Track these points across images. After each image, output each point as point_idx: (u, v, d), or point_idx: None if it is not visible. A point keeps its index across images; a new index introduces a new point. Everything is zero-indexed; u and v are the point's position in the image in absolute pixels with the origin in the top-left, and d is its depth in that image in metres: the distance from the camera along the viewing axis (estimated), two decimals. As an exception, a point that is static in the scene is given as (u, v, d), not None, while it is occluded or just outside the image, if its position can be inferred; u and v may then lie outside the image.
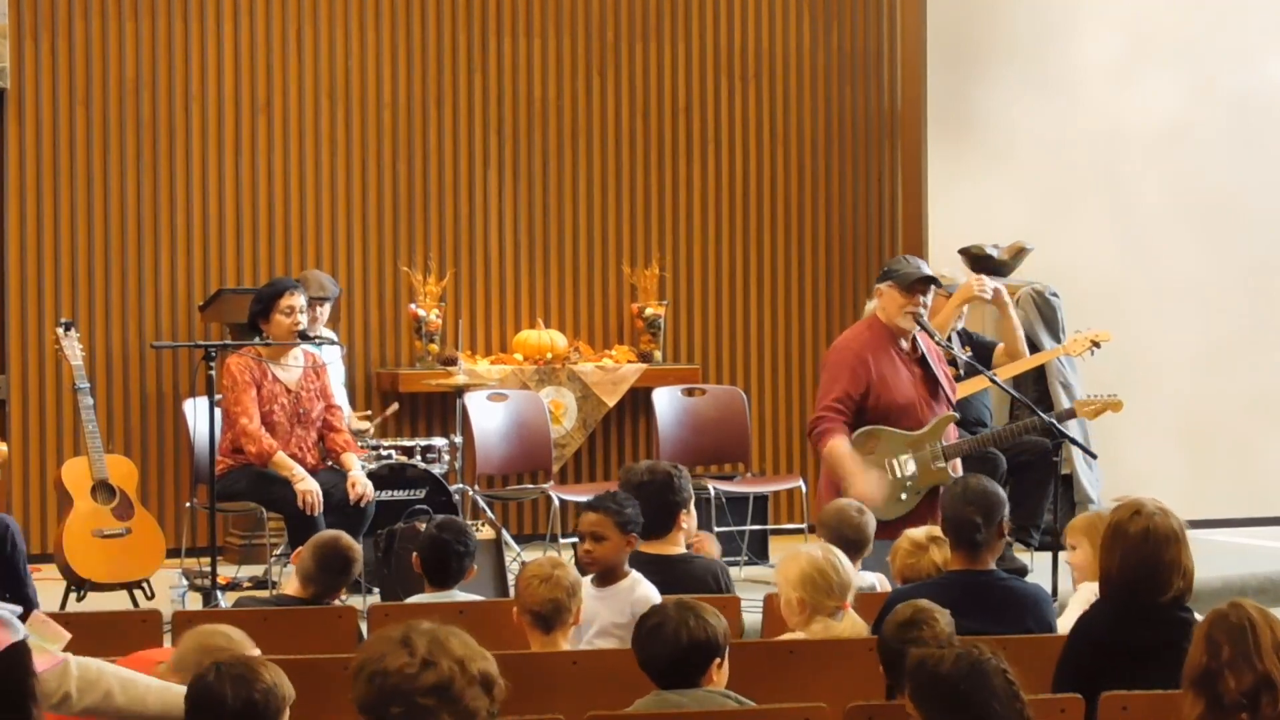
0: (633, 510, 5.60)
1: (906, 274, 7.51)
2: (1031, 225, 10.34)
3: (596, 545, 5.56)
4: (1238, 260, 10.89)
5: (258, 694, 3.65)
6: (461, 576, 5.86)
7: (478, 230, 10.19)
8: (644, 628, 4.36)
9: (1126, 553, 4.63)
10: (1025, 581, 5.63)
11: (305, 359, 7.95)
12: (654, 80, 10.49)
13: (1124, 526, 4.66)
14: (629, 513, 5.58)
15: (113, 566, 7.59)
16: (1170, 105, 10.83)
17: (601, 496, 5.70)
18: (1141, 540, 4.62)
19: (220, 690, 3.65)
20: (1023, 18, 10.70)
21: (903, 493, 7.35)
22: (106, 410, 9.44)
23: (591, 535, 5.57)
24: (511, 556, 8.41)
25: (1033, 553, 8.42)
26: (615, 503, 5.60)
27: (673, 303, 10.43)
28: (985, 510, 5.29)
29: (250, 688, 3.65)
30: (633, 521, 5.58)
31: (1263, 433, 10.91)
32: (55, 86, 9.58)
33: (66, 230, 9.59)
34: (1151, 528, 4.63)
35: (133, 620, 5.67)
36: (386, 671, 3.23)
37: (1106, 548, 4.70)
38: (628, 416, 10.28)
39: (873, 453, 7.32)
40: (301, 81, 9.93)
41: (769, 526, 9.49)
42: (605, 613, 5.43)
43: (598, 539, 5.56)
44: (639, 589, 5.49)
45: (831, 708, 4.32)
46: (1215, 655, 3.66)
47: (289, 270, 9.57)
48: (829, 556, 5.20)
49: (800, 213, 10.70)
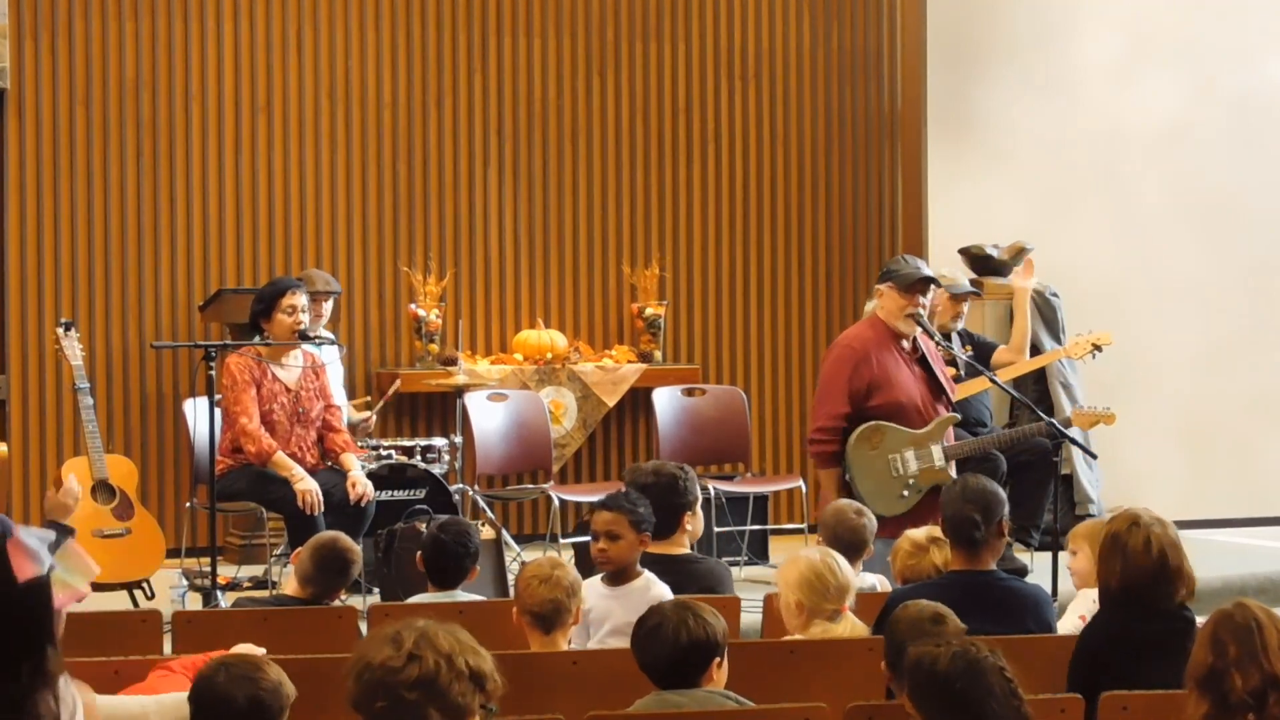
0: (645, 510, 5.65)
1: (906, 275, 7.52)
2: (1031, 225, 10.33)
3: (611, 544, 5.59)
4: (1238, 260, 10.89)
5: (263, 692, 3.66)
6: (464, 577, 5.87)
7: (478, 230, 10.19)
8: (643, 629, 4.36)
9: (1127, 565, 4.64)
10: (1025, 582, 5.63)
11: (305, 359, 7.95)
12: (654, 80, 10.49)
13: (1122, 539, 4.67)
14: (642, 512, 5.64)
15: (113, 566, 7.58)
16: (1170, 105, 10.83)
17: (615, 495, 5.73)
18: (1143, 552, 4.63)
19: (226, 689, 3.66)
20: (1023, 18, 10.70)
21: (904, 490, 7.36)
22: (106, 410, 9.44)
23: (607, 534, 5.60)
24: (511, 556, 8.40)
25: (1033, 553, 8.42)
26: (629, 502, 5.64)
27: (673, 303, 10.43)
28: (984, 508, 5.30)
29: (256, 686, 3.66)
30: (646, 520, 5.64)
31: (1263, 433, 10.91)
32: (55, 86, 9.58)
33: (66, 230, 9.59)
34: (1151, 539, 4.64)
35: (133, 620, 5.67)
36: (371, 665, 3.24)
37: (1105, 560, 4.71)
38: (628, 416, 10.28)
39: (877, 448, 7.34)
40: (301, 81, 9.93)
41: (769, 526, 9.49)
42: (620, 612, 5.43)
43: (612, 538, 5.59)
44: (654, 588, 5.52)
45: (831, 708, 4.33)
46: (1221, 655, 3.66)
47: (289, 270, 9.57)
48: (827, 560, 5.21)
49: (800, 213, 10.70)
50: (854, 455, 7.36)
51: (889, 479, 7.35)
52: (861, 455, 7.36)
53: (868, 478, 7.34)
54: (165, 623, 5.69)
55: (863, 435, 7.34)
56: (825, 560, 5.20)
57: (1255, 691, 3.63)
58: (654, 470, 6.05)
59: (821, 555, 5.24)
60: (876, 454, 7.34)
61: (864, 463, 7.35)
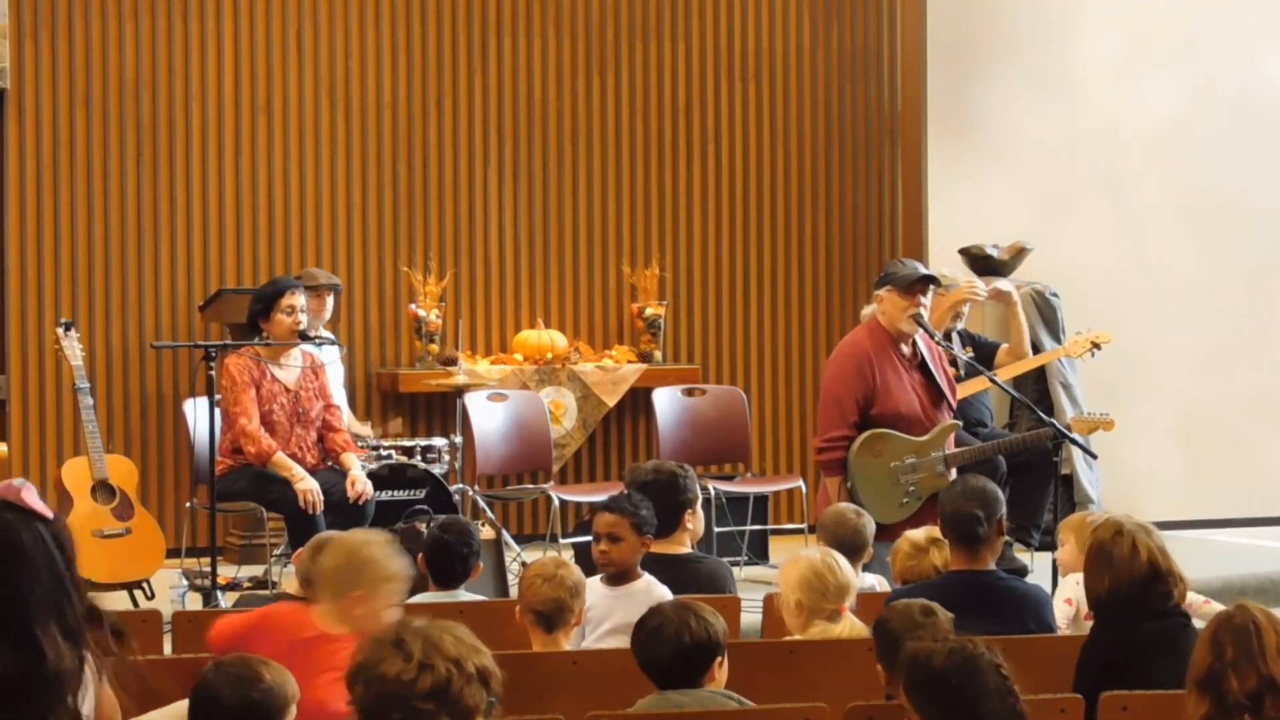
0: (648, 512, 5.69)
1: (905, 275, 7.52)
2: (1031, 225, 10.34)
3: (613, 546, 5.61)
4: (1238, 260, 10.89)
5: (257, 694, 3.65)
6: (466, 577, 5.87)
7: (478, 230, 10.19)
8: (644, 630, 4.36)
9: (1116, 573, 4.65)
10: (1025, 582, 5.64)
11: (304, 359, 7.95)
12: (654, 80, 10.49)
13: (1107, 548, 4.68)
14: (644, 514, 5.67)
15: (113, 566, 7.59)
16: (1170, 105, 10.83)
17: (617, 497, 5.76)
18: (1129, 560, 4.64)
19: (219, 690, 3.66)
20: (1023, 18, 10.70)
21: (904, 498, 7.37)
22: (106, 410, 9.44)
23: (608, 536, 5.62)
24: (511, 556, 8.41)
25: (1033, 553, 8.42)
26: (631, 504, 5.67)
27: (673, 303, 10.43)
28: (985, 505, 5.31)
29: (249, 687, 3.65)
30: (648, 523, 5.66)
31: (1263, 433, 10.91)
32: (55, 86, 9.57)
33: (66, 230, 9.59)
34: (1137, 545, 4.65)
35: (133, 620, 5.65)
36: (384, 678, 3.24)
37: (1092, 570, 4.71)
38: (628, 416, 10.28)
39: (879, 455, 7.35)
40: (301, 81, 9.93)
41: (769, 526, 9.49)
42: (620, 612, 5.44)
43: (614, 539, 5.61)
44: (655, 590, 5.54)
45: (831, 708, 4.33)
46: (1220, 656, 3.67)
47: (289, 270, 9.57)
48: (827, 559, 5.21)
49: (800, 213, 10.70)
50: (856, 463, 7.35)
51: (890, 487, 7.35)
52: (863, 463, 7.35)
53: (869, 485, 7.33)
54: (165, 623, 5.69)
55: (865, 443, 7.34)
56: (825, 560, 5.20)
57: (1252, 693, 3.65)
58: (654, 469, 6.07)
59: (822, 555, 5.25)
60: (879, 461, 7.34)
61: (866, 470, 7.35)
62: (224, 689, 3.64)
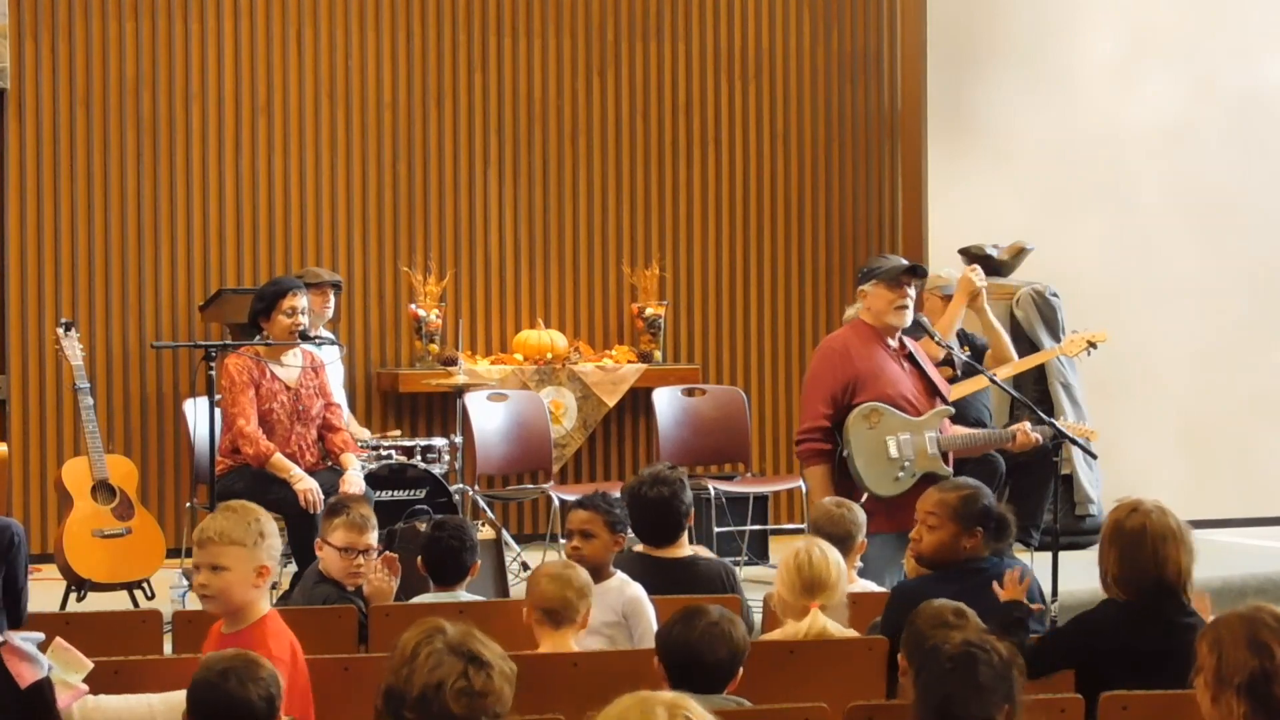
0: (622, 510, 5.69)
1: (890, 268, 7.52)
2: (1031, 225, 10.33)
3: (585, 543, 5.62)
4: (1238, 260, 10.89)
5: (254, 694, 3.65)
6: (466, 574, 5.88)
7: (478, 230, 10.20)
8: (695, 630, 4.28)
9: (1123, 549, 4.67)
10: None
11: (304, 358, 7.95)
12: (654, 80, 10.49)
13: (1121, 524, 4.71)
14: (618, 513, 5.68)
15: (113, 566, 7.59)
16: (1170, 105, 10.83)
17: (592, 495, 5.79)
18: (1138, 536, 4.65)
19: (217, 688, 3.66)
20: (1023, 18, 10.70)
21: (899, 472, 7.36)
22: (106, 410, 9.44)
23: (581, 533, 5.63)
24: (511, 556, 8.41)
25: (1033, 553, 8.41)
26: (606, 502, 5.69)
27: (673, 303, 10.44)
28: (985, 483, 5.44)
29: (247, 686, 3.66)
30: (621, 522, 5.67)
31: (1263, 433, 10.92)
32: (55, 86, 9.58)
33: (66, 230, 9.59)
34: (1148, 524, 4.66)
35: (133, 620, 5.67)
36: (474, 692, 3.28)
37: (1105, 545, 4.73)
38: (628, 416, 10.28)
39: (875, 427, 7.35)
40: (301, 81, 9.93)
41: (769, 526, 9.49)
42: (595, 611, 5.43)
43: (587, 536, 5.63)
44: (628, 589, 5.53)
45: (831, 708, 4.33)
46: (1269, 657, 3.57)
47: (289, 270, 9.57)
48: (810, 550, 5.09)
49: (800, 213, 10.70)
50: (853, 431, 7.35)
51: (886, 459, 7.36)
52: (860, 432, 7.36)
53: (863, 453, 7.34)
54: (165, 623, 5.69)
55: (862, 413, 7.36)
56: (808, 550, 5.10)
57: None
58: (653, 481, 5.96)
59: (805, 546, 5.16)
60: (874, 433, 7.35)
61: (862, 440, 7.35)
62: (224, 685, 3.65)
